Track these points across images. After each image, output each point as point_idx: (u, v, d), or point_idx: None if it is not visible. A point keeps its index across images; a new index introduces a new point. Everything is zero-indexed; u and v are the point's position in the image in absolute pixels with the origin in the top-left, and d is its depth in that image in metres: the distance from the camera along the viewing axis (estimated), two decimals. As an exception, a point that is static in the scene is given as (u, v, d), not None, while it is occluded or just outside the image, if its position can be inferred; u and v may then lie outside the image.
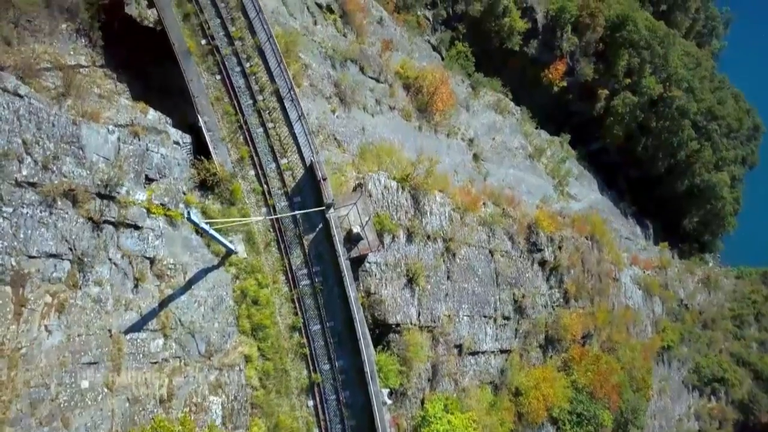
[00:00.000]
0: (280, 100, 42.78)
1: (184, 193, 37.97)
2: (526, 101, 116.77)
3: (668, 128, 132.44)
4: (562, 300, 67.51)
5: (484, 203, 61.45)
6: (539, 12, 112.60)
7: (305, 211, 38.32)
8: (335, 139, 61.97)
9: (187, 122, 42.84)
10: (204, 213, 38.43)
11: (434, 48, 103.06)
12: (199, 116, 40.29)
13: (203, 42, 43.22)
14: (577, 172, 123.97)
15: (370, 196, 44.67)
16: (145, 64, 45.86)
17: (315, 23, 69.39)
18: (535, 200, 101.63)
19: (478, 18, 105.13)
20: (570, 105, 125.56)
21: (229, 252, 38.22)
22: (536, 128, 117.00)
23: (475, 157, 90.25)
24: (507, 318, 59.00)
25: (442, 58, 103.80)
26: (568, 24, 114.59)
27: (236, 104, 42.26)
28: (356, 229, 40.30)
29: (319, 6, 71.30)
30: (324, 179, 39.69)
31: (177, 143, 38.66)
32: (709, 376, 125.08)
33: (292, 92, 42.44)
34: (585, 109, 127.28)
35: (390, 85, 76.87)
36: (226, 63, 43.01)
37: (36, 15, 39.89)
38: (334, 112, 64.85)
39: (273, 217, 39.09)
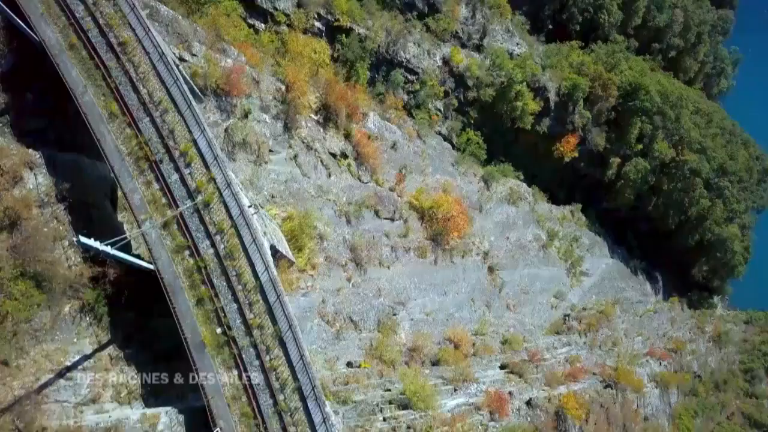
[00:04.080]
0: (303, 398, 39.26)
1: None
2: (537, 171, 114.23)
3: (680, 188, 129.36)
4: (589, 475, 65.04)
5: (510, 393, 58.40)
6: (551, 90, 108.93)
7: None
8: (352, 320, 59.65)
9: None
10: None
11: (445, 138, 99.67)
12: (214, 426, 36.79)
13: (218, 330, 39.69)
14: (589, 242, 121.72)
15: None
16: (151, 318, 42.24)
17: (329, 176, 66.33)
18: (549, 297, 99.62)
19: (489, 102, 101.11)
20: (581, 170, 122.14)
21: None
22: (548, 202, 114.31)
23: (490, 269, 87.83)
24: None
25: (453, 146, 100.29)
26: (581, 99, 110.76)
27: (255, 405, 38.82)
28: None
29: (333, 155, 68.25)
30: None
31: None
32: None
33: (315, 390, 38.95)
34: (596, 174, 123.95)
35: (405, 220, 74.15)
36: (243, 356, 39.50)
37: (36, 312, 36.35)
38: (350, 280, 62.38)
39: None
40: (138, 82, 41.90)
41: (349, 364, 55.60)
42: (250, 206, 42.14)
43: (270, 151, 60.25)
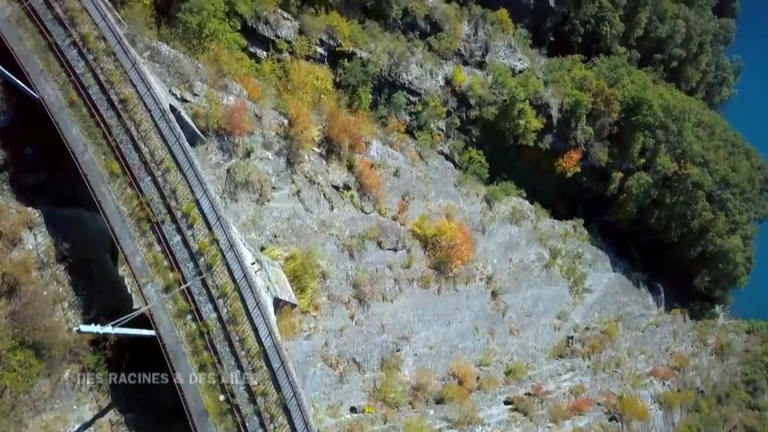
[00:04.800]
0: (309, 471, 38.35)
1: None
2: (539, 186, 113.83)
3: (682, 202, 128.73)
4: None
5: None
6: (554, 107, 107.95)
7: None
8: (355, 362, 59.25)
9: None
10: None
11: (447, 157, 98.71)
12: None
13: (221, 398, 38.77)
14: (591, 257, 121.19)
15: None
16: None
17: (332, 209, 65.65)
18: (552, 318, 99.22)
19: (492, 120, 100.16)
20: (583, 184, 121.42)
21: None
22: (550, 217, 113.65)
23: (493, 294, 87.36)
24: None
25: (455, 165, 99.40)
26: (583, 116, 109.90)
27: (261, 479, 37.82)
28: None
29: (336, 188, 67.55)
30: None
31: None
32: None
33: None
34: (599, 188, 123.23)
35: (408, 250, 73.53)
36: (247, 424, 38.52)
37: (35, 382, 35.57)
38: (353, 318, 61.99)
39: None
40: (139, 141, 41.05)
41: (352, 410, 54.91)
42: (253, 263, 41.37)
43: (273, 188, 59.44)
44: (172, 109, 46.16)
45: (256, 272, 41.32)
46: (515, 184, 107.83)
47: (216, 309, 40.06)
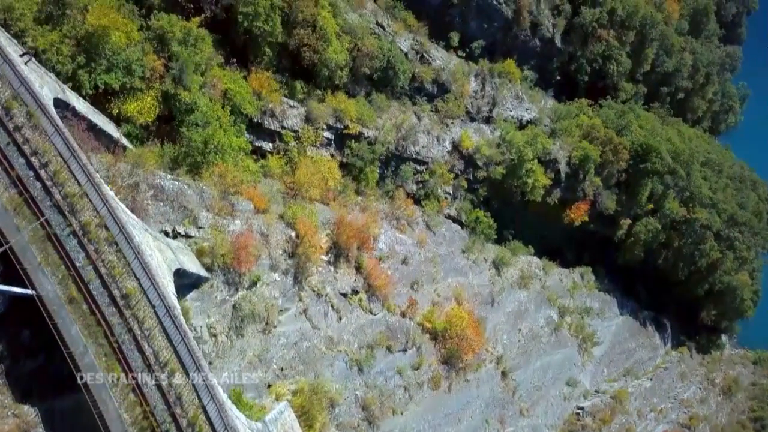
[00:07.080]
0: None
1: None
2: (546, 233, 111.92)
3: (690, 243, 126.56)
4: None
5: None
6: (562, 161, 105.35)
7: None
8: (368, 499, 56.29)
9: None
10: None
11: (454, 220, 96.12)
12: None
13: None
14: (599, 305, 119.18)
15: None
16: None
17: (340, 319, 63.29)
18: (561, 386, 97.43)
19: (499, 179, 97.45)
20: (590, 230, 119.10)
21: None
22: (557, 265, 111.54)
23: (504, 374, 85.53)
24: None
25: (462, 226, 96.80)
26: (592, 168, 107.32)
27: None
28: None
29: (344, 295, 64.63)
30: None
31: None
32: None
33: None
34: (606, 233, 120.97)
35: (418, 348, 71.44)
36: None
37: None
38: (362, 444, 58.94)
39: None
40: (143, 341, 38.01)
41: None
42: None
43: (279, 311, 56.73)
44: (178, 271, 43.38)
45: (267, 468, 38.70)
46: (522, 242, 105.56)
47: None
